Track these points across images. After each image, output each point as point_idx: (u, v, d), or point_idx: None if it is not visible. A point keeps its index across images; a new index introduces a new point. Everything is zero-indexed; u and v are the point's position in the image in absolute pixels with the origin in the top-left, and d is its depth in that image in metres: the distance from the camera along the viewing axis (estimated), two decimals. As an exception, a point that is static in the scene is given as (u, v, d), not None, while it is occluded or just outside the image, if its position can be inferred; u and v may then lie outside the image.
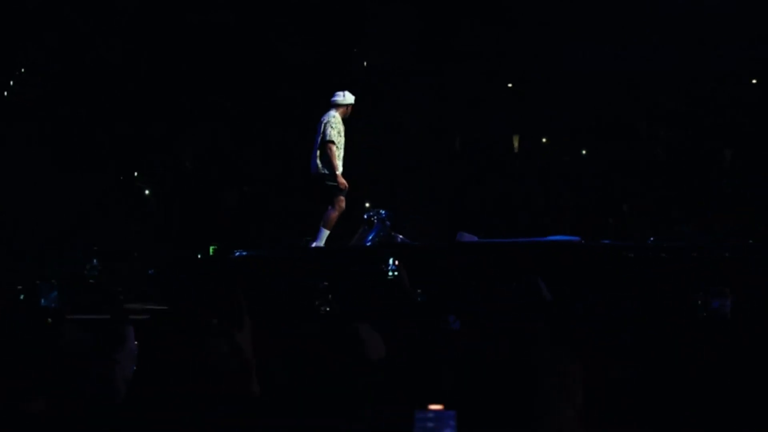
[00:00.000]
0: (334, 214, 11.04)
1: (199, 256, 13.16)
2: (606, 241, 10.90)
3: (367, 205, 12.37)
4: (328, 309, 7.09)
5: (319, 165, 11.09)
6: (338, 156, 11.13)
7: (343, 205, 11.04)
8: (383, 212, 11.31)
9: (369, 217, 11.30)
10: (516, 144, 17.47)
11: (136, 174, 15.55)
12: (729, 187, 15.18)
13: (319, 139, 11.13)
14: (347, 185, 11.05)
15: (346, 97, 11.45)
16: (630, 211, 14.88)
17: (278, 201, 16.14)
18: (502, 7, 16.70)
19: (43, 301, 9.32)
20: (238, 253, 11.07)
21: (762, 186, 14.96)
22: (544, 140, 17.38)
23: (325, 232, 11.06)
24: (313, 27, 16.80)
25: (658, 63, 16.12)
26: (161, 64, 15.86)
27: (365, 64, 18.53)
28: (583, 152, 16.41)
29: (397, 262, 7.29)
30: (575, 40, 16.15)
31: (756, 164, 15.55)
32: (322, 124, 11.18)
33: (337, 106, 11.39)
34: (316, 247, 11.08)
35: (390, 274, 7.27)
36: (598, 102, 16.60)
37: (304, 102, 16.65)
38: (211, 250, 15.35)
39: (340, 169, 11.05)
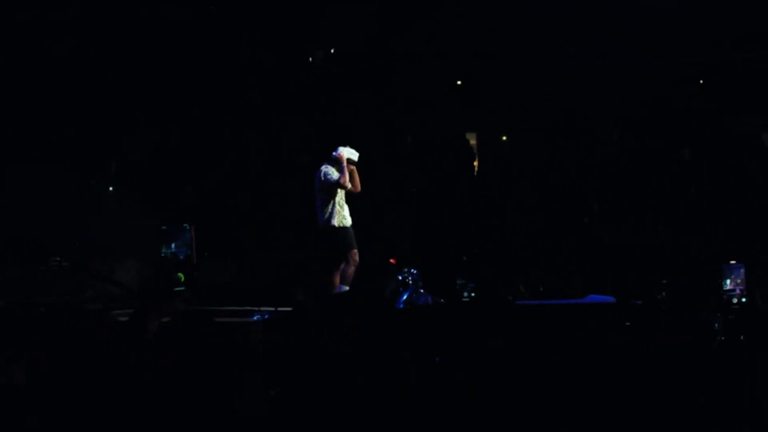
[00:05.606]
0: (351, 270, 10.93)
1: None
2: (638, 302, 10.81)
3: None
4: None
5: (331, 219, 10.88)
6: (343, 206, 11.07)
7: (357, 258, 10.88)
8: (415, 271, 11.22)
9: (404, 277, 11.17)
10: (473, 142, 17.31)
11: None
12: (692, 190, 15.33)
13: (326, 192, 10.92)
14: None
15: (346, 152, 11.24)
16: (600, 211, 14.89)
17: (236, 199, 15.73)
18: (458, 5, 16.54)
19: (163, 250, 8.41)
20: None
21: (725, 188, 15.16)
22: (504, 138, 17.27)
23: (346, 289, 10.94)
24: (268, 26, 16.42)
25: (616, 64, 16.22)
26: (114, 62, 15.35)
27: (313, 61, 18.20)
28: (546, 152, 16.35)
29: None
30: (537, 40, 16.13)
31: (715, 166, 15.74)
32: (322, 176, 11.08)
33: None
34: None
35: None
36: (557, 101, 16.61)
37: (260, 102, 16.31)
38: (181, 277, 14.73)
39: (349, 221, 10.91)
